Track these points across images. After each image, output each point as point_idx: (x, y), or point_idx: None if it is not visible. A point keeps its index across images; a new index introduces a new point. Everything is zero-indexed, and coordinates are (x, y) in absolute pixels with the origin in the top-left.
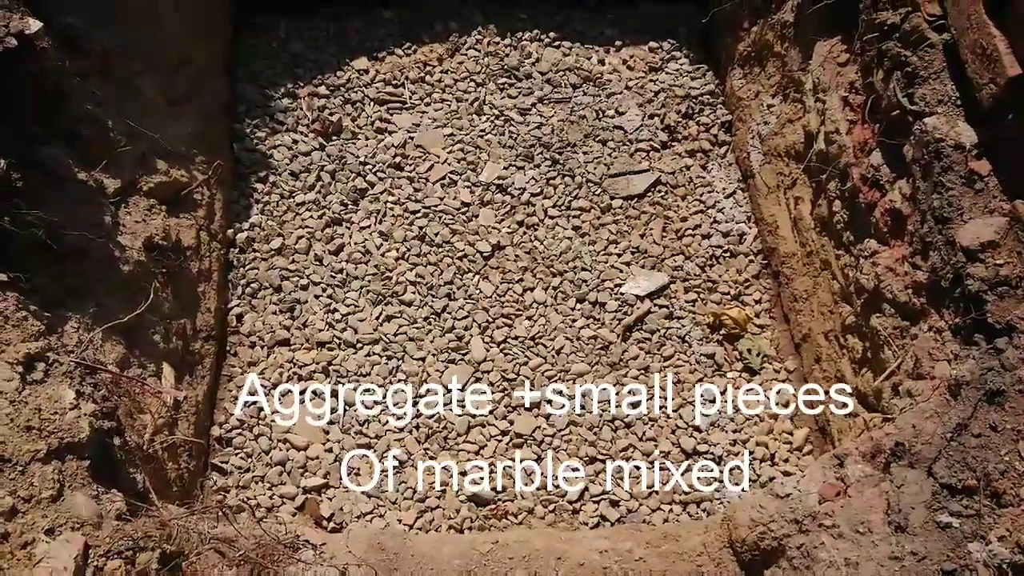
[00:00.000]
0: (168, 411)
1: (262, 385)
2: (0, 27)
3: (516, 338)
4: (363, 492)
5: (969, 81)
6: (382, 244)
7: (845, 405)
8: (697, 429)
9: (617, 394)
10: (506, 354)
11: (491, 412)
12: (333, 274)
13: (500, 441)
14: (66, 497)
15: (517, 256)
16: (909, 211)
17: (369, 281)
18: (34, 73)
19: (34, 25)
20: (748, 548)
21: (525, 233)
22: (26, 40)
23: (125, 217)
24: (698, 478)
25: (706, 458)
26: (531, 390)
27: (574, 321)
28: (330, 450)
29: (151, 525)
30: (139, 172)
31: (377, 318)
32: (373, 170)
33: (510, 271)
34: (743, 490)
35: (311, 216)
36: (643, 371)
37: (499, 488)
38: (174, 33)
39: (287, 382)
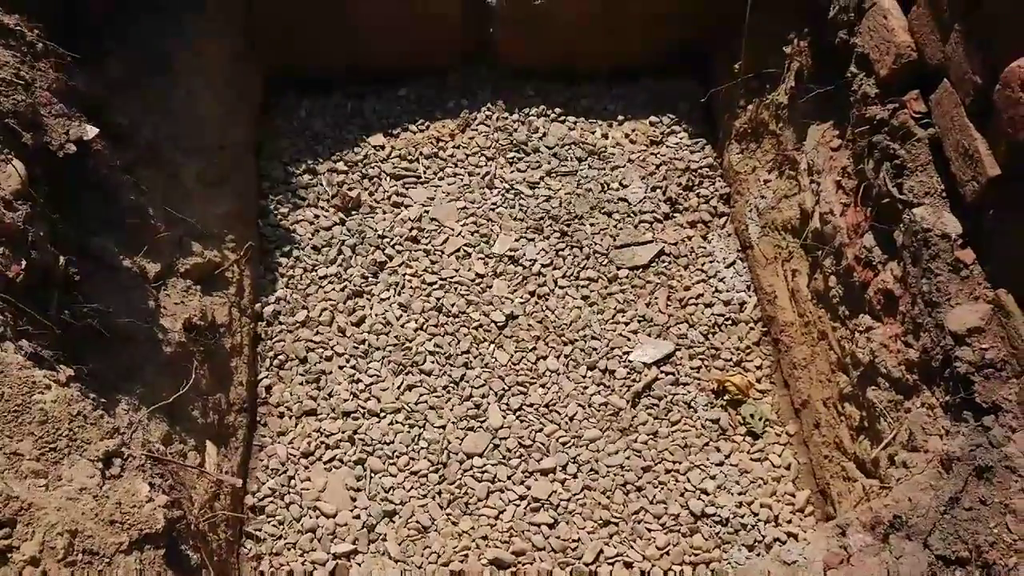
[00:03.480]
0: (212, 487)
1: (291, 454)
2: (61, 134)
3: (531, 405)
4: (390, 557)
5: (953, 176)
6: (401, 315)
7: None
8: (704, 492)
9: (628, 459)
10: (522, 421)
11: (509, 478)
12: (356, 345)
13: (519, 506)
14: None
15: (530, 325)
16: (900, 292)
17: (390, 351)
18: (88, 171)
19: (91, 132)
20: None
21: (537, 303)
22: (84, 144)
23: (165, 300)
24: (706, 539)
25: (714, 520)
26: (547, 456)
27: (585, 388)
28: (358, 517)
29: None
30: (176, 255)
31: (399, 387)
32: (391, 243)
33: (524, 340)
34: (750, 550)
35: (333, 289)
36: (652, 436)
37: (518, 551)
38: (212, 121)
39: (315, 451)
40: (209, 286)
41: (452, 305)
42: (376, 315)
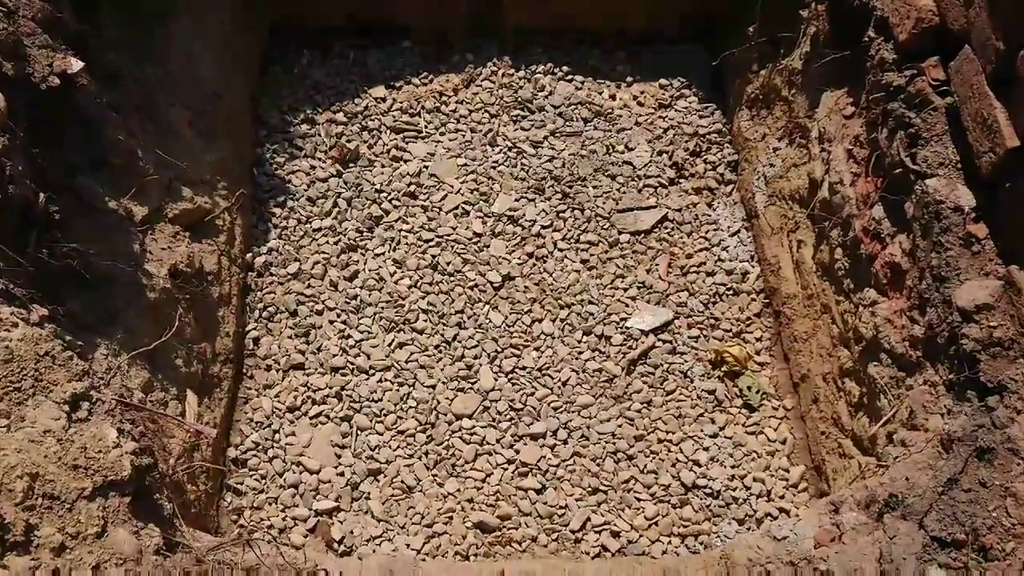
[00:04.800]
0: (191, 438)
1: (276, 408)
2: (44, 66)
3: (524, 368)
4: (373, 516)
5: (969, 147)
6: (395, 272)
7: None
8: (697, 463)
9: (620, 426)
10: (514, 384)
11: (498, 441)
12: (347, 300)
13: (506, 470)
14: (109, 533)
15: (526, 287)
16: (908, 266)
17: (382, 308)
18: (74, 107)
19: (75, 65)
20: None
21: (535, 265)
22: (68, 79)
23: (151, 244)
24: (696, 511)
25: (705, 492)
26: (537, 420)
27: (580, 353)
28: (342, 474)
29: (188, 561)
30: (165, 200)
31: (390, 345)
32: (388, 198)
33: (519, 302)
34: (740, 524)
35: (327, 242)
36: (646, 404)
37: (504, 516)
38: (207, 66)
39: (301, 406)
40: (198, 233)
41: (448, 263)
42: (369, 270)
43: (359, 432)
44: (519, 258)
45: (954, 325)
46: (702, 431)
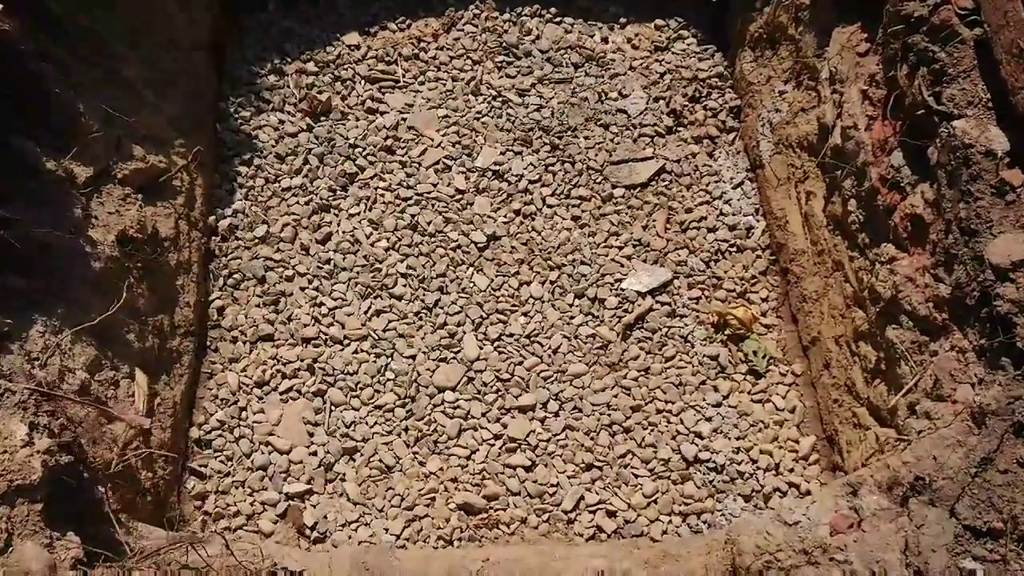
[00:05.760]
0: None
1: (243, 383)
2: None
3: (511, 335)
4: (349, 500)
5: (1003, 83)
6: (372, 233)
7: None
8: (699, 436)
9: (616, 397)
10: (500, 353)
11: (484, 415)
12: (320, 265)
13: (493, 445)
14: (14, 547)
15: (513, 247)
16: (932, 218)
17: (358, 273)
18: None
19: None
20: None
21: (522, 223)
22: None
23: (97, 208)
24: (698, 487)
25: (707, 467)
26: (526, 392)
27: (572, 318)
28: (314, 454)
29: (111, 575)
30: (114, 159)
31: (366, 312)
32: (363, 153)
33: (506, 264)
34: (746, 501)
35: (297, 202)
36: (643, 372)
37: (491, 496)
38: (164, 17)
39: (270, 380)
40: (153, 195)
41: (428, 223)
42: (343, 232)
43: (333, 408)
44: (505, 216)
45: (986, 284)
46: (704, 400)
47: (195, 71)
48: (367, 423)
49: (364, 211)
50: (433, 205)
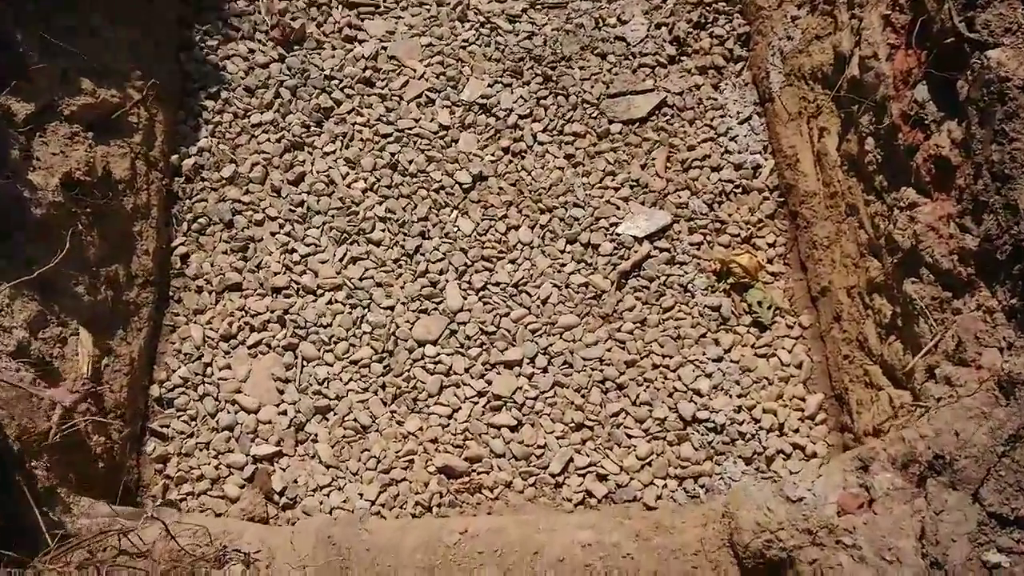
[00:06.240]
0: (85, 381)
1: (208, 337)
2: None
3: (497, 284)
4: (321, 462)
5: None
6: (348, 173)
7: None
8: (698, 393)
9: (609, 351)
10: (485, 303)
11: (467, 370)
12: (292, 208)
13: (476, 403)
14: None
15: (501, 189)
16: (959, 161)
17: (333, 216)
18: None
19: None
20: (752, 555)
21: (511, 162)
22: None
23: (40, 149)
24: (696, 449)
25: (706, 427)
26: (513, 345)
27: (563, 266)
28: (284, 413)
29: None
30: (59, 94)
31: (341, 259)
32: (340, 86)
33: (493, 206)
34: (747, 464)
35: (268, 139)
36: (639, 324)
37: (473, 458)
38: None
39: (237, 333)
40: (106, 133)
41: (409, 162)
42: (318, 172)
43: (305, 363)
44: (492, 154)
45: (1020, 237)
46: (704, 354)
47: None
48: (341, 380)
49: (340, 149)
50: (415, 142)
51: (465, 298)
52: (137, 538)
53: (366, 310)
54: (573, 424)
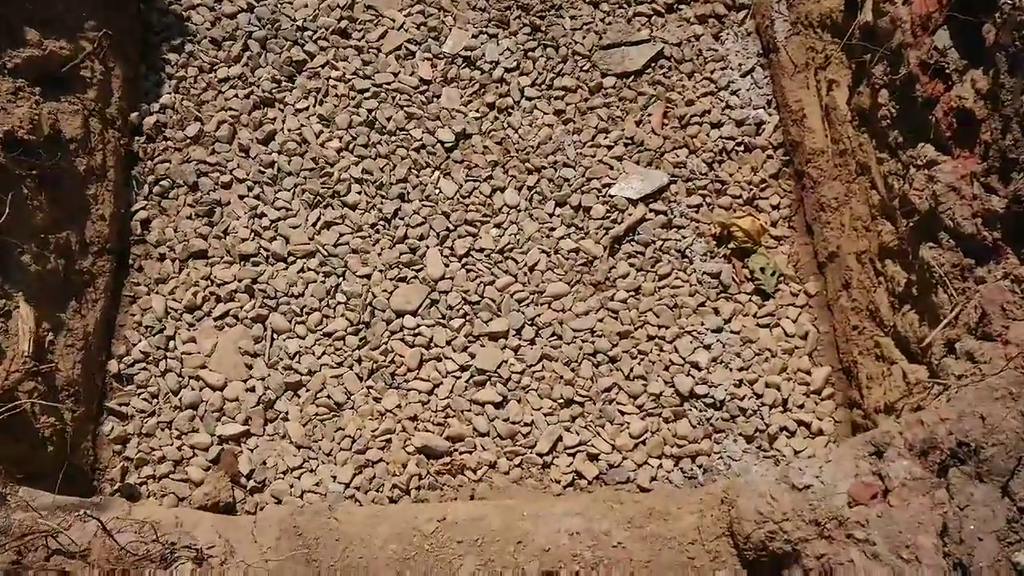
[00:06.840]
0: (26, 359)
1: (171, 308)
2: None
3: (481, 251)
4: (292, 442)
5: None
6: (322, 131)
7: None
8: (696, 366)
9: (601, 321)
10: (468, 271)
11: (448, 343)
12: (261, 169)
13: (458, 378)
14: None
15: (486, 147)
16: (985, 114)
17: (305, 178)
18: None
19: None
20: (753, 547)
21: (496, 119)
22: None
23: None
24: (694, 427)
25: (705, 402)
26: (498, 316)
27: (552, 230)
28: (252, 389)
29: None
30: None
31: (314, 224)
32: (313, 37)
33: (477, 166)
34: (748, 442)
35: (236, 95)
36: (633, 292)
37: (455, 437)
38: None
39: (202, 304)
40: (55, 88)
41: (388, 119)
42: (289, 130)
43: (275, 336)
44: (477, 111)
45: None
46: (703, 325)
47: None
48: (314, 353)
49: (313, 105)
50: (394, 98)
51: (447, 265)
52: (73, 536)
53: (340, 279)
54: (562, 400)
